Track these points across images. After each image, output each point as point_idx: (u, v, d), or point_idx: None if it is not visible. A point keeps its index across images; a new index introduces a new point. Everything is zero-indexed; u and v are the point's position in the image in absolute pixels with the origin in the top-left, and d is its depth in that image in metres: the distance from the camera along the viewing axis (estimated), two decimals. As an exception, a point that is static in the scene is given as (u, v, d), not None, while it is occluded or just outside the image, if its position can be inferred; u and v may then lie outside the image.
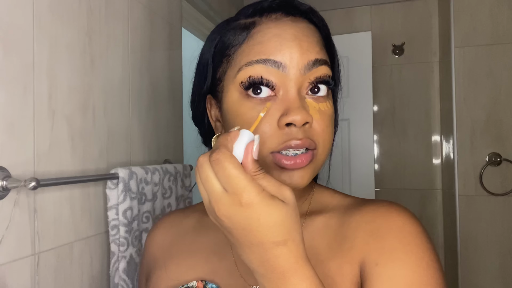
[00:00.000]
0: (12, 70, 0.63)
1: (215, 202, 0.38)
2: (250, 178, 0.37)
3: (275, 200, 0.38)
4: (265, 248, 0.38)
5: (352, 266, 0.49)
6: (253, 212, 0.37)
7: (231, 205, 0.37)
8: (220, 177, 0.37)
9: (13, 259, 0.62)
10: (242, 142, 0.40)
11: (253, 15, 0.53)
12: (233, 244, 0.41)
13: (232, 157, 0.38)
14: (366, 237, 0.50)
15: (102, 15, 0.85)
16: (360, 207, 0.54)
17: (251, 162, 0.39)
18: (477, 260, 1.76)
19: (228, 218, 0.38)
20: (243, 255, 0.40)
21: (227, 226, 0.39)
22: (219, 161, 0.37)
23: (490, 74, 1.77)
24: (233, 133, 0.40)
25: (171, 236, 0.63)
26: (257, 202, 0.37)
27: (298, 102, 0.48)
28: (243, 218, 0.37)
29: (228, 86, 0.52)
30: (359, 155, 2.17)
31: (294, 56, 0.48)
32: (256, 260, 0.39)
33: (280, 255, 0.38)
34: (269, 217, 0.37)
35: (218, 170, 0.37)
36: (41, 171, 0.68)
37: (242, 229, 0.38)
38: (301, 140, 0.47)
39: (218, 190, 0.38)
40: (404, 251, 0.48)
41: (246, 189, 0.37)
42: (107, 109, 0.86)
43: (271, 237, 0.38)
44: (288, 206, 0.39)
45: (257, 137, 0.41)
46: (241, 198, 0.37)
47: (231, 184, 0.37)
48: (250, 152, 0.40)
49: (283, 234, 0.38)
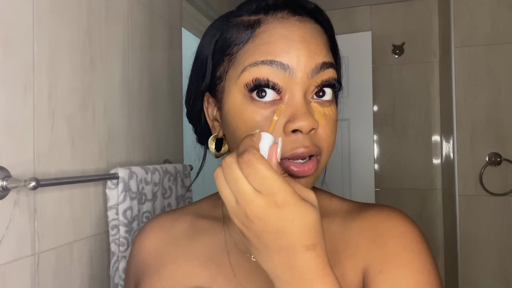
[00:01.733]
0: (12, 70, 0.63)
1: (246, 203, 0.37)
2: (283, 179, 0.37)
3: (307, 203, 0.37)
4: (295, 251, 0.37)
5: (355, 273, 0.49)
6: (288, 213, 0.36)
7: (266, 206, 0.36)
8: (252, 178, 0.37)
9: (13, 259, 0.62)
10: (266, 144, 0.40)
11: (257, 12, 0.50)
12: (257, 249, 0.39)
13: (263, 158, 0.37)
14: (369, 244, 0.50)
15: (102, 15, 0.85)
16: (360, 212, 0.54)
17: (275, 164, 0.39)
18: (477, 260, 1.77)
19: (261, 220, 0.37)
20: (269, 261, 0.39)
21: (257, 229, 0.38)
22: (250, 162, 0.36)
23: (490, 74, 1.77)
24: (257, 135, 0.40)
25: (161, 241, 0.60)
26: (293, 202, 0.36)
27: (304, 107, 0.46)
28: (278, 219, 0.36)
29: (230, 87, 0.50)
30: (359, 155, 2.17)
31: (301, 59, 0.46)
32: (282, 266, 0.38)
33: (310, 259, 0.37)
34: (303, 219, 0.37)
35: (250, 172, 0.36)
36: (41, 171, 0.68)
37: (275, 232, 0.37)
38: (308, 148, 0.46)
39: (250, 191, 0.37)
40: (407, 258, 0.48)
41: (282, 189, 0.36)
42: (107, 109, 0.86)
43: (303, 240, 0.37)
44: (317, 210, 0.38)
45: (280, 140, 0.40)
46: (277, 199, 0.36)
47: (265, 185, 0.36)
48: (275, 154, 0.39)
49: (314, 237, 0.37)
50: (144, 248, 0.61)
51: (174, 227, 0.61)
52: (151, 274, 0.57)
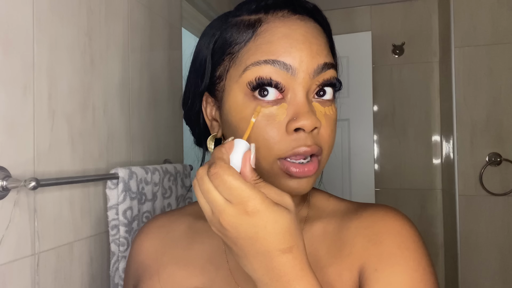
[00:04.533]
0: (12, 70, 0.63)
1: (219, 213, 0.38)
2: (252, 186, 0.37)
3: (279, 207, 0.38)
4: (271, 256, 0.38)
5: (352, 273, 0.49)
6: (259, 219, 0.37)
7: (236, 215, 0.37)
8: (221, 190, 0.37)
9: (13, 259, 0.62)
10: (239, 152, 0.40)
11: (257, 12, 0.50)
12: (237, 254, 0.40)
13: (230, 169, 0.38)
14: (365, 243, 0.50)
15: (102, 15, 0.85)
16: (357, 212, 0.54)
17: (249, 171, 0.39)
18: (477, 260, 1.76)
19: (234, 228, 0.38)
20: (248, 265, 0.40)
21: (232, 236, 0.38)
22: (217, 174, 0.37)
23: (490, 74, 1.77)
24: (228, 144, 0.40)
25: (160, 243, 0.60)
26: (263, 209, 0.37)
27: (307, 106, 0.46)
28: (250, 227, 0.37)
29: (231, 86, 0.49)
30: (359, 155, 2.17)
31: (304, 59, 0.47)
32: (261, 269, 0.39)
33: (286, 262, 0.38)
34: (275, 224, 0.37)
35: (219, 183, 0.37)
36: (41, 171, 0.68)
37: (249, 238, 0.38)
38: (310, 147, 0.46)
39: (221, 201, 0.38)
40: (402, 257, 0.48)
41: (251, 198, 0.37)
42: (107, 109, 0.86)
43: (277, 244, 0.38)
44: (292, 213, 0.39)
45: (253, 146, 0.41)
46: (246, 207, 0.37)
47: (234, 195, 0.37)
48: (248, 161, 0.40)
49: (289, 241, 0.38)
50: (143, 249, 0.61)
51: (173, 228, 0.61)
52: (150, 275, 0.57)
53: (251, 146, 0.41)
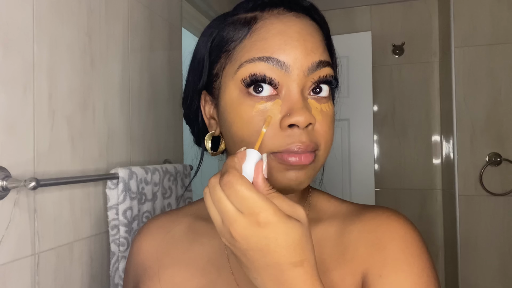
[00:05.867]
0: (12, 70, 0.63)
1: (229, 223, 0.37)
2: (264, 197, 0.37)
3: (291, 220, 0.37)
4: (282, 269, 0.37)
5: (355, 277, 0.49)
6: (271, 231, 0.36)
7: (247, 225, 0.37)
8: (233, 199, 0.37)
9: (13, 259, 0.62)
10: (251, 162, 0.40)
11: (253, 10, 0.50)
12: (246, 267, 0.40)
13: (243, 178, 0.37)
14: (368, 248, 0.50)
15: (102, 15, 0.85)
16: (359, 215, 0.54)
17: (262, 181, 0.39)
18: (477, 260, 1.77)
19: (244, 239, 0.37)
20: (258, 278, 0.39)
21: (242, 248, 0.38)
22: (230, 184, 0.37)
23: (490, 74, 1.77)
24: (240, 153, 0.40)
25: (160, 243, 0.59)
26: (275, 221, 0.36)
27: (301, 102, 0.46)
28: (261, 238, 0.37)
29: (227, 83, 0.49)
30: (359, 155, 2.17)
31: (298, 57, 0.46)
32: (271, 283, 0.38)
33: (297, 276, 0.37)
34: (287, 237, 0.37)
35: (230, 193, 0.37)
36: (41, 171, 0.68)
37: (259, 250, 0.37)
38: (304, 144, 0.46)
39: (232, 211, 0.37)
40: (407, 263, 0.48)
41: (263, 209, 0.36)
42: (107, 109, 0.86)
43: (288, 258, 0.37)
44: (304, 226, 0.38)
45: (265, 156, 0.41)
46: (258, 218, 0.36)
47: (246, 205, 0.36)
48: (261, 171, 0.39)
49: (300, 254, 0.37)
50: (143, 250, 0.61)
51: (173, 229, 0.60)
52: (150, 276, 0.57)
53: (263, 156, 0.41)
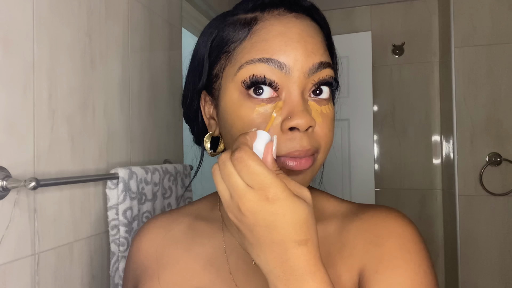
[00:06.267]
0: (12, 70, 0.63)
1: (238, 197, 0.38)
2: (274, 174, 0.38)
3: (299, 198, 0.38)
4: (286, 246, 0.38)
5: (351, 274, 0.49)
6: (279, 207, 0.37)
7: (257, 200, 0.37)
8: (244, 174, 0.38)
9: (13, 259, 0.62)
10: (261, 141, 0.41)
11: (253, 10, 0.50)
12: (250, 243, 0.40)
13: (255, 155, 0.38)
14: (366, 245, 0.50)
15: (102, 15, 0.85)
16: (358, 213, 0.54)
17: (271, 161, 0.40)
18: (477, 260, 1.77)
19: (253, 213, 0.38)
20: (261, 255, 0.39)
21: (249, 223, 0.38)
22: (242, 159, 0.37)
23: (490, 74, 1.77)
24: (252, 133, 0.41)
25: (160, 243, 0.60)
26: (284, 197, 0.37)
27: (301, 105, 0.46)
28: (269, 214, 0.37)
29: (227, 84, 0.49)
30: (359, 155, 2.17)
31: (298, 58, 0.46)
32: (274, 261, 0.38)
33: (301, 255, 0.38)
34: (294, 214, 0.37)
35: (242, 168, 0.38)
36: (41, 171, 0.68)
37: (266, 226, 0.38)
38: (305, 149, 0.46)
39: (242, 185, 0.38)
40: (403, 259, 0.48)
41: (273, 185, 0.37)
42: (107, 109, 0.86)
43: (294, 235, 0.37)
44: (310, 206, 0.39)
45: (275, 138, 0.42)
46: (267, 193, 0.37)
47: (256, 180, 0.37)
48: (270, 151, 0.40)
49: (305, 233, 0.38)
50: (143, 250, 0.61)
51: (173, 229, 0.60)
52: (150, 276, 0.57)
53: (273, 137, 0.42)
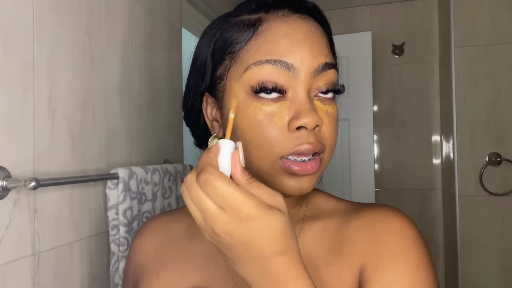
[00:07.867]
0: (12, 70, 0.63)
1: (211, 221, 0.37)
2: (245, 192, 0.36)
3: (273, 210, 0.37)
4: (266, 259, 0.38)
5: (352, 272, 0.49)
6: (254, 225, 0.36)
7: (230, 221, 0.36)
8: (213, 197, 0.36)
9: (13, 259, 0.62)
10: (226, 153, 0.38)
11: (257, 11, 0.50)
12: (231, 259, 0.40)
13: (221, 175, 0.36)
14: (365, 242, 0.50)
15: (102, 15, 0.85)
16: (358, 212, 0.54)
17: (240, 171, 0.38)
18: (477, 260, 1.76)
19: (228, 234, 0.37)
20: (243, 269, 0.39)
21: (226, 243, 0.38)
22: (209, 182, 0.36)
23: (490, 74, 1.77)
24: (214, 147, 0.39)
25: (159, 242, 0.60)
26: (257, 214, 0.36)
27: (308, 104, 0.47)
28: (245, 232, 0.37)
29: (232, 85, 0.49)
30: (359, 155, 2.17)
31: (305, 58, 0.47)
32: (256, 273, 0.38)
33: (281, 264, 0.38)
34: (271, 228, 0.37)
35: (210, 191, 0.36)
36: (41, 171, 0.68)
37: (244, 244, 0.37)
38: (312, 145, 0.46)
39: (213, 208, 0.37)
40: (403, 257, 0.48)
41: (245, 204, 0.36)
42: (107, 109, 0.86)
43: (273, 247, 0.37)
44: (285, 214, 0.38)
45: (239, 144, 0.39)
46: (240, 214, 0.36)
47: (227, 202, 0.36)
48: (238, 161, 0.38)
49: (283, 243, 0.38)
50: (143, 249, 0.61)
51: (173, 228, 0.61)
52: (149, 275, 0.57)
53: (237, 144, 0.39)
